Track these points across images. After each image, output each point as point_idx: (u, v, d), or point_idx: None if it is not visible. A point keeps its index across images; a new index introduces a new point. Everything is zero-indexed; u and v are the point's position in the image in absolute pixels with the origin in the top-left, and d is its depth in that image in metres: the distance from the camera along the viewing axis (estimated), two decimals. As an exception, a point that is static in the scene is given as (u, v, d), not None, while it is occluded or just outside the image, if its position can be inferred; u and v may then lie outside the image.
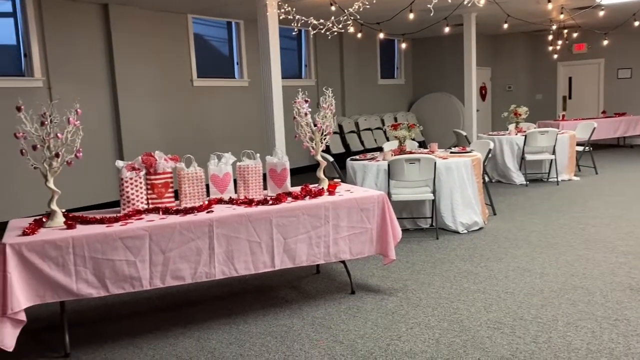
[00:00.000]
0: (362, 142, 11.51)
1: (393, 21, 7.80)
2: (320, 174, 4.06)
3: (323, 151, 4.28)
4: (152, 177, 3.57)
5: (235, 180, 3.88)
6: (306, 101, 3.92)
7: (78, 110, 3.21)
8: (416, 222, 5.73)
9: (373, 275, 4.31)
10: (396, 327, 3.32)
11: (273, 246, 3.51)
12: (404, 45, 9.68)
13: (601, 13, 8.89)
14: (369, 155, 6.25)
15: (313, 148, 4.01)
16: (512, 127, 8.86)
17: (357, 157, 6.15)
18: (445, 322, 3.35)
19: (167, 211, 3.44)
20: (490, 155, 6.40)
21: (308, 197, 3.75)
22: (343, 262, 3.95)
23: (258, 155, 3.93)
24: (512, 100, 13.23)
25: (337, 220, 3.70)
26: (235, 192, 3.88)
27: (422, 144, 10.11)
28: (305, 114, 3.92)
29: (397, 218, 4.01)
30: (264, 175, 3.92)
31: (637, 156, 10.80)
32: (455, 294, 3.84)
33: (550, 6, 7.29)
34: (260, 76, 6.86)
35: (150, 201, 3.56)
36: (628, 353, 2.85)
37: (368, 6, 5.73)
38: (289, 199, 3.71)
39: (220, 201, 3.71)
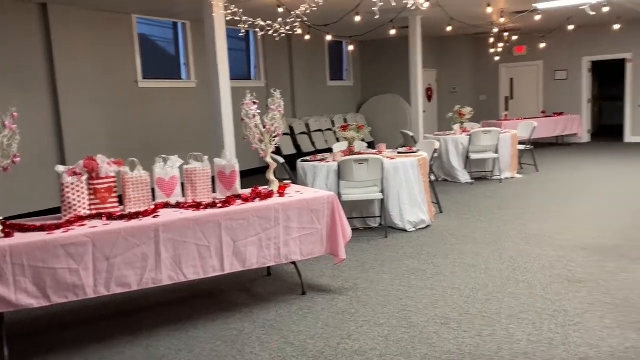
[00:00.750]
0: (313, 143, 11.56)
1: (340, 23, 7.88)
2: (270, 175, 4.05)
3: (273, 153, 4.28)
4: (95, 182, 3.47)
5: (183, 184, 3.82)
6: (254, 103, 3.90)
7: (14, 113, 3.08)
8: (366, 221, 5.81)
9: (324, 275, 4.34)
10: (346, 326, 3.36)
11: (222, 250, 3.48)
12: (351, 48, 9.79)
13: (537, 17, 9.26)
14: (319, 156, 6.29)
15: (262, 150, 4.00)
16: (457, 127, 9.12)
17: (308, 158, 6.17)
18: (394, 319, 3.41)
19: (110, 217, 3.35)
20: (436, 154, 6.56)
21: (258, 199, 3.74)
22: (294, 263, 3.96)
23: (206, 157, 3.88)
24: (457, 101, 13.59)
25: (288, 222, 3.71)
26: (183, 196, 3.82)
27: (371, 145, 10.23)
28: (254, 116, 3.91)
29: (348, 218, 4.06)
30: (213, 178, 3.88)
31: (575, 154, 11.33)
32: (404, 291, 3.92)
33: (490, 10, 7.54)
34: (208, 77, 6.78)
35: (93, 207, 3.46)
36: (566, 342, 2.99)
37: (315, 8, 5.76)
38: (239, 201, 3.68)
39: (166, 205, 3.65)
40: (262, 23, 5.91)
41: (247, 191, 3.94)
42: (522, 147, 8.99)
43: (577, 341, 2.99)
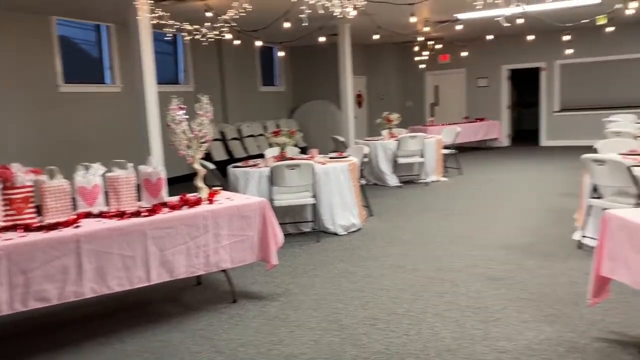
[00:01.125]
0: (245, 149, 11.47)
1: (271, 29, 7.89)
2: (199, 182, 3.99)
3: (203, 159, 4.22)
4: (10, 191, 3.28)
5: (106, 193, 3.69)
6: (181, 108, 3.84)
7: None
8: (298, 226, 5.84)
9: (255, 282, 4.32)
10: (278, 331, 3.36)
11: (148, 260, 3.39)
12: (282, 54, 9.82)
13: (459, 27, 9.69)
14: (250, 162, 6.26)
15: (190, 156, 3.93)
16: (385, 132, 9.35)
17: (239, 164, 6.13)
18: (324, 323, 3.45)
19: (27, 228, 3.18)
20: (366, 159, 6.70)
21: (186, 206, 3.67)
22: (224, 270, 3.91)
23: (131, 165, 3.77)
24: (385, 107, 13.94)
25: (217, 229, 3.67)
26: (107, 204, 3.69)
27: (304, 150, 10.29)
28: (181, 122, 3.84)
29: (280, 223, 4.07)
30: (138, 186, 3.77)
31: (495, 157, 11.92)
32: (335, 294, 3.97)
33: (414, 19, 7.81)
34: (134, 82, 6.58)
35: (7, 218, 3.27)
36: (487, 337, 3.14)
37: (244, 14, 5.75)
38: (165, 209, 3.60)
39: (88, 215, 3.50)
40: (190, 27, 5.83)
41: (175, 199, 3.86)
42: (446, 151, 9.36)
43: (497, 336, 3.15)
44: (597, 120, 12.38)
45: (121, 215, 3.45)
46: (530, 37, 10.30)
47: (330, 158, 6.30)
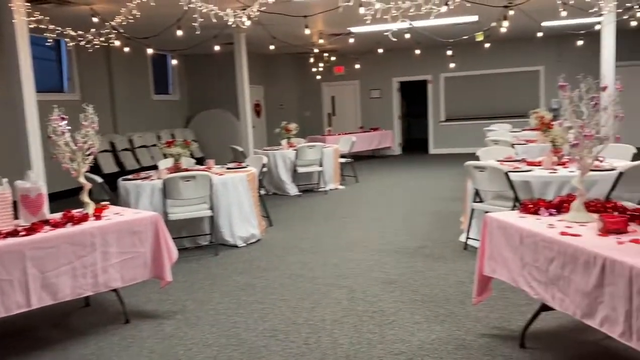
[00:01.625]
0: (137, 160, 10.98)
1: (163, 36, 7.65)
2: (85, 197, 3.75)
3: (90, 171, 3.97)
4: None
5: (-24, 211, 3.35)
6: (63, 118, 3.59)
7: None
8: (195, 240, 5.68)
9: (150, 300, 4.13)
10: (174, 351, 3.24)
11: (28, 283, 3.12)
12: (175, 62, 9.56)
13: (351, 40, 10.03)
14: (142, 174, 6.00)
15: (74, 169, 3.69)
16: (284, 142, 9.42)
17: (130, 176, 5.85)
18: (223, 338, 3.38)
19: None
20: (265, 169, 6.69)
21: (70, 223, 3.43)
22: (115, 290, 3.70)
23: (5, 180, 3.46)
24: (284, 117, 14.04)
25: (106, 247, 3.46)
26: (-22, 224, 3.35)
27: (200, 161, 10.07)
28: (63, 133, 3.59)
29: (176, 237, 3.95)
30: (15, 203, 3.47)
31: (389, 165, 12.43)
32: (234, 308, 3.90)
33: (308, 31, 7.96)
34: (10, 90, 6.06)
35: None
36: (383, 341, 3.25)
37: (132, 20, 5.52)
38: (47, 227, 3.34)
39: (-44, 237, 3.16)
40: (73, 33, 5.50)
41: (58, 215, 3.60)
42: (343, 160, 9.61)
43: (392, 338, 3.27)
44: (479, 129, 13.31)
45: (-5, 235, 3.16)
46: (417, 52, 10.88)
47: (228, 169, 6.22)
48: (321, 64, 12.81)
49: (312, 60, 12.42)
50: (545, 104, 13.52)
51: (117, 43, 6.51)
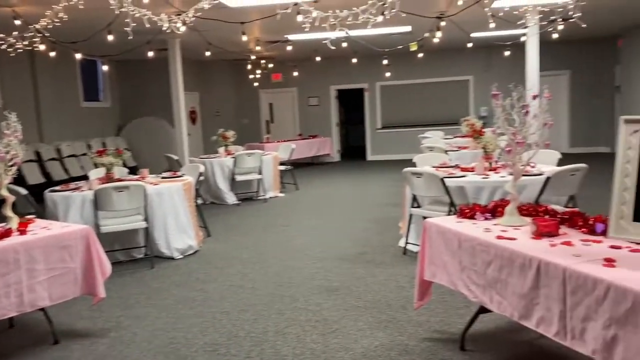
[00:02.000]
0: (66, 170, 10.45)
1: (92, 41, 7.34)
2: (7, 211, 3.51)
3: (12, 183, 3.72)
4: None
5: None
6: (-18, 128, 3.35)
7: None
8: (130, 253, 5.45)
9: (82, 318, 3.91)
10: (108, 371, 3.07)
11: (-57, 305, 2.87)
12: (106, 68, 9.21)
13: (289, 47, 10.02)
14: (72, 185, 5.70)
15: (-5, 182, 3.44)
16: (222, 150, 9.25)
17: (58, 187, 5.54)
18: (161, 355, 3.24)
19: None
20: (201, 178, 6.53)
21: (-9, 240, 3.19)
22: (43, 309, 3.47)
23: None
24: (221, 124, 13.81)
25: (32, 264, 3.24)
26: None
27: (133, 170, 9.71)
28: (-18, 143, 3.35)
29: (109, 251, 3.76)
30: None
31: (328, 172, 12.50)
32: (172, 322, 3.76)
33: (245, 38, 7.88)
34: None
35: None
36: (326, 350, 3.22)
37: (59, 24, 5.25)
38: (-35, 244, 3.09)
39: None
40: (-7, 36, 5.16)
41: (-23, 231, 3.34)
42: (282, 167, 9.56)
43: (335, 347, 3.25)
44: (414, 136, 13.63)
45: None
46: (354, 60, 11.04)
47: (163, 178, 6.02)
48: (259, 71, 12.72)
49: (249, 67, 12.31)
50: (474, 112, 14.09)
51: (42, 47, 6.16)
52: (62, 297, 3.43)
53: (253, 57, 11.81)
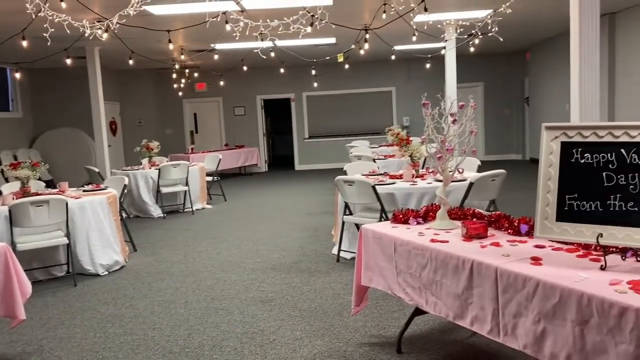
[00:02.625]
0: (-29, 186, 9.67)
1: (3, 48, 6.89)
2: None
3: None
4: None
5: None
6: None
7: None
8: (50, 271, 5.13)
9: (6, 340, 3.63)
10: (32, 398, 2.86)
11: None
12: (18, 75, 8.67)
13: (216, 57, 9.90)
14: (-19, 200, 5.28)
15: None
16: (145, 161, 8.95)
17: (-35, 204, 5.12)
18: (91, 377, 3.07)
19: None
20: (125, 190, 6.27)
21: None
22: (-47, 336, 3.19)
23: None
24: (143, 134, 13.42)
25: (-60, 286, 2.97)
26: None
27: (50, 184, 9.15)
28: None
29: (27, 269, 3.54)
30: None
31: (256, 182, 12.42)
32: (100, 342, 3.57)
33: (171, 46, 7.70)
34: None
35: None
36: (266, 358, 3.19)
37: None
38: None
39: None
40: None
41: None
42: (210, 178, 9.38)
43: (274, 357, 3.22)
44: (341, 145, 13.89)
45: None
46: (282, 70, 11.09)
47: (85, 191, 5.73)
48: (183, 80, 12.45)
49: (174, 76, 12.02)
50: (397, 122, 14.55)
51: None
52: (-23, 322, 3.17)
53: (177, 66, 11.55)
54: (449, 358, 3.12)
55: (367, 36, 8.19)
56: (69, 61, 7.50)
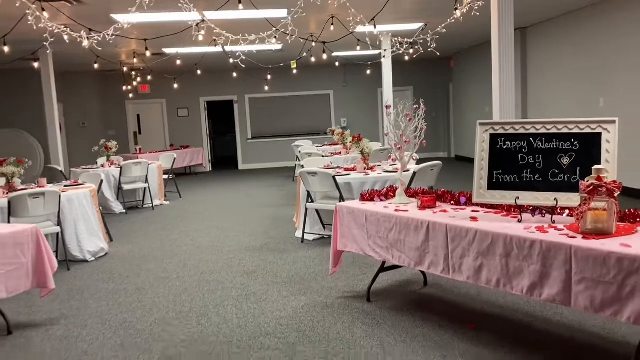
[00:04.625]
0: None
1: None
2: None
3: None
4: None
5: None
6: None
7: None
8: (37, 259, 5.57)
9: (20, 314, 4.13)
10: (75, 347, 3.46)
11: None
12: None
13: (178, 62, 10.35)
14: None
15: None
16: (102, 160, 9.34)
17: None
18: (121, 331, 3.70)
19: None
20: (102, 186, 6.75)
21: (-54, 239, 3.40)
22: (-8, 304, 3.70)
23: None
24: (87, 135, 13.59)
25: (-10, 259, 3.51)
26: None
27: None
28: None
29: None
30: None
31: (204, 181, 12.96)
32: (114, 308, 4.18)
33: (131, 52, 8.18)
34: None
35: None
36: (264, 312, 3.94)
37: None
38: None
39: None
40: None
41: None
42: (166, 176, 9.89)
43: (271, 308, 3.99)
44: (282, 145, 14.74)
45: None
46: (235, 75, 11.73)
47: (66, 186, 6.19)
48: (132, 84, 12.77)
49: (118, 78, 12.33)
50: (336, 123, 15.54)
51: None
52: (17, 290, 3.70)
53: (125, 69, 11.89)
54: (407, 304, 4.02)
55: (314, 44, 9.06)
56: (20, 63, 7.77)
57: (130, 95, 13.67)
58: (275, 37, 6.25)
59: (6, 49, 6.49)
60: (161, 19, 7.40)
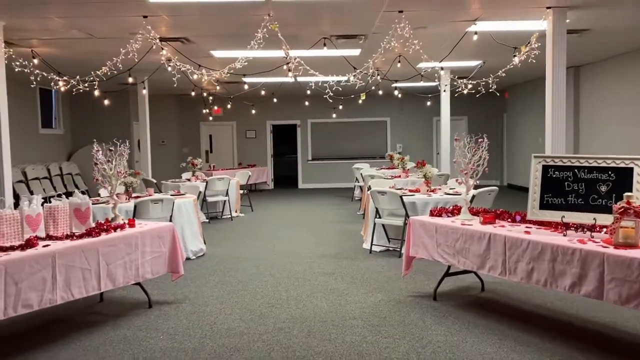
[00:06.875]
0: (31, 192, 11.09)
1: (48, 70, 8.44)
2: (116, 212, 4.76)
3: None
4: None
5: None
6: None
7: None
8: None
9: (151, 294, 5.16)
10: (208, 317, 4.44)
11: (100, 271, 4.13)
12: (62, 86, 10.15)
13: (246, 86, 11.54)
14: (100, 199, 6.82)
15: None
16: (187, 174, 10.55)
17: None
18: (238, 308, 4.67)
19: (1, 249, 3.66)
20: (199, 197, 7.86)
21: (119, 230, 4.47)
22: (138, 283, 4.74)
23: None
24: (166, 152, 14.98)
25: (144, 247, 4.56)
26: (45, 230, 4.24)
27: (86, 194, 10.57)
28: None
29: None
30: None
31: (270, 197, 14.04)
32: (225, 294, 5.16)
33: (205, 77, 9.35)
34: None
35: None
36: (348, 302, 4.82)
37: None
38: (103, 232, 4.35)
39: (38, 238, 4.05)
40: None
41: (97, 225, 4.58)
42: (241, 191, 11.00)
43: (354, 300, 4.87)
44: (341, 167, 15.67)
45: (71, 236, 4.12)
46: (306, 103, 12.84)
47: (171, 195, 7.32)
48: (208, 107, 14.09)
49: (196, 101, 13.62)
50: (391, 148, 16.41)
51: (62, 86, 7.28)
52: (158, 273, 4.75)
53: (205, 94, 13.20)
54: (468, 303, 4.82)
55: (379, 77, 10.02)
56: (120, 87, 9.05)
57: (210, 118, 15.01)
58: (354, 74, 7.25)
59: (130, 79, 7.73)
60: (257, 54, 8.54)
